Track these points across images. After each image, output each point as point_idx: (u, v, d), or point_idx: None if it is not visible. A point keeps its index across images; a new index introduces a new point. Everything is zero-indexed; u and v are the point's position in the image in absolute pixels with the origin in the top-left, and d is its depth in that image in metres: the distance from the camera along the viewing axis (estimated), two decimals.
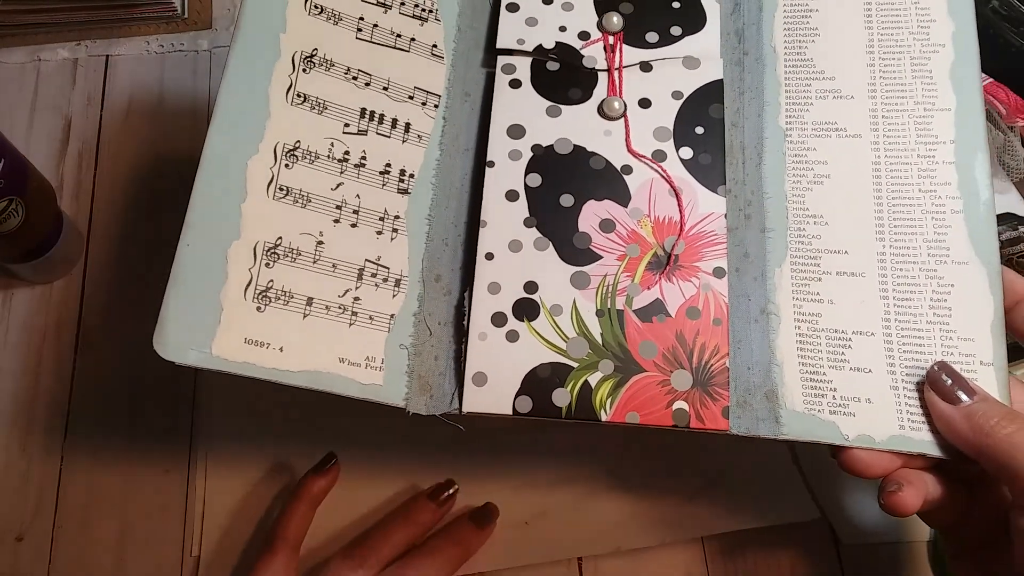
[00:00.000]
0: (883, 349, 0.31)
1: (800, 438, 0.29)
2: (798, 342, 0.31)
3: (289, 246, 0.29)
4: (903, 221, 0.32)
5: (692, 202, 0.32)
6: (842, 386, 0.30)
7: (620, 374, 0.29)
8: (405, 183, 0.32)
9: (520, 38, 0.35)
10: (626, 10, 0.36)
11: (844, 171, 0.33)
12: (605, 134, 0.33)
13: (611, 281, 0.31)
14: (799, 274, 0.32)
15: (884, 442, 0.29)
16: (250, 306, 0.28)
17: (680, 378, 0.29)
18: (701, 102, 0.34)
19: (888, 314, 0.31)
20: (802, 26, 0.36)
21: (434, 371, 0.30)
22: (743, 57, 0.36)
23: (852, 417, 0.29)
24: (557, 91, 0.34)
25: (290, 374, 0.27)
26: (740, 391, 0.30)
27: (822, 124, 0.34)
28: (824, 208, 0.33)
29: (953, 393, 0.28)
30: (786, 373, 0.30)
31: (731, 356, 0.30)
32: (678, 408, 0.29)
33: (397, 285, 0.31)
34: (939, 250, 0.32)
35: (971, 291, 0.31)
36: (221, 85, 0.31)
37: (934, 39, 0.35)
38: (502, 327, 0.30)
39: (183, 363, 0.26)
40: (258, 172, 0.30)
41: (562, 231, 0.31)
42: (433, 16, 0.36)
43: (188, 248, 0.28)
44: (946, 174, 0.32)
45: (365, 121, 0.33)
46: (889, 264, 0.32)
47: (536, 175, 0.32)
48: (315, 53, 0.33)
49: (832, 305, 0.31)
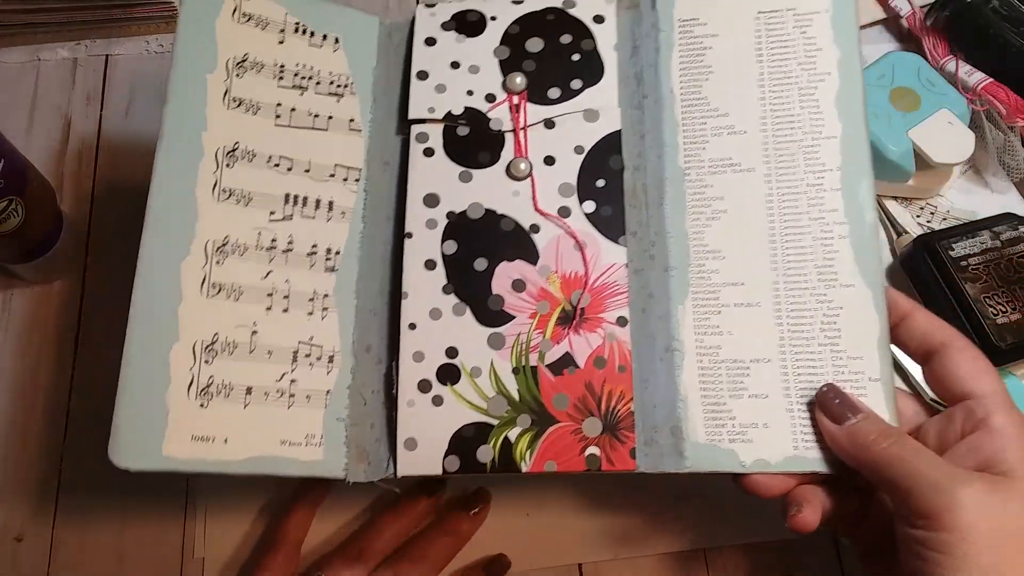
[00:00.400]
0: (779, 374, 0.33)
1: (701, 470, 0.32)
2: (700, 375, 0.34)
3: (226, 340, 0.32)
4: (794, 249, 0.35)
5: (595, 255, 0.35)
6: (741, 414, 0.33)
7: (537, 427, 0.32)
8: (332, 260, 0.35)
9: (431, 106, 0.37)
10: (529, 67, 0.38)
11: (739, 205, 0.36)
12: (514, 195, 0.36)
13: (524, 339, 0.34)
14: (700, 309, 0.35)
15: (779, 464, 0.32)
16: (194, 404, 0.31)
17: (591, 425, 0.32)
18: (602, 154, 0.36)
19: (783, 340, 0.34)
20: (697, 65, 0.38)
21: (370, 438, 0.33)
22: (643, 100, 0.38)
23: (750, 443, 0.32)
24: (468, 156, 0.36)
25: (235, 463, 0.31)
26: (647, 429, 0.33)
27: (718, 161, 0.36)
28: (722, 243, 0.35)
29: (840, 413, 0.31)
30: (690, 407, 0.33)
31: (638, 396, 0.33)
32: (590, 453, 0.32)
33: (331, 361, 0.34)
34: (828, 275, 0.34)
35: (858, 312, 0.33)
36: (150, 188, 0.33)
37: (820, 68, 0.36)
38: (428, 393, 0.33)
39: (136, 469, 0.29)
40: (191, 274, 0.32)
41: (478, 295, 0.34)
42: (348, 90, 0.38)
43: (132, 356, 0.31)
44: (833, 201, 0.35)
45: (290, 206, 0.35)
46: (783, 292, 0.34)
47: (452, 242, 0.35)
48: (237, 147, 0.35)
49: (731, 336, 0.34)
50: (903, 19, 0.51)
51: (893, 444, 0.30)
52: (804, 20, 0.37)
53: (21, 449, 0.43)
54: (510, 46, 0.38)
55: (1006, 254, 0.43)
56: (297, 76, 0.37)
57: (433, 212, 0.36)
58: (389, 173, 0.37)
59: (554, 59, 0.38)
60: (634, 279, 0.35)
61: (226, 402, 0.32)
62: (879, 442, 0.30)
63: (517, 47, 0.38)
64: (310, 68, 0.37)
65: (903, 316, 0.33)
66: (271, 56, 0.37)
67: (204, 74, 0.35)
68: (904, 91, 0.46)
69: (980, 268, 0.43)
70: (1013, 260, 0.43)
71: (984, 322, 0.41)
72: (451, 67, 0.38)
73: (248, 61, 0.36)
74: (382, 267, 0.36)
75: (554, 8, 0.39)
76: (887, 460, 0.29)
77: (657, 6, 0.38)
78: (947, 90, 0.46)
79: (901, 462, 0.29)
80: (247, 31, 0.36)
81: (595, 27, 0.38)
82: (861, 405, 0.32)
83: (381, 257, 0.36)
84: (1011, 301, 0.42)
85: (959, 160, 0.45)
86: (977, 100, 0.47)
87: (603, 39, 0.38)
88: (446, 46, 0.38)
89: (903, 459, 0.29)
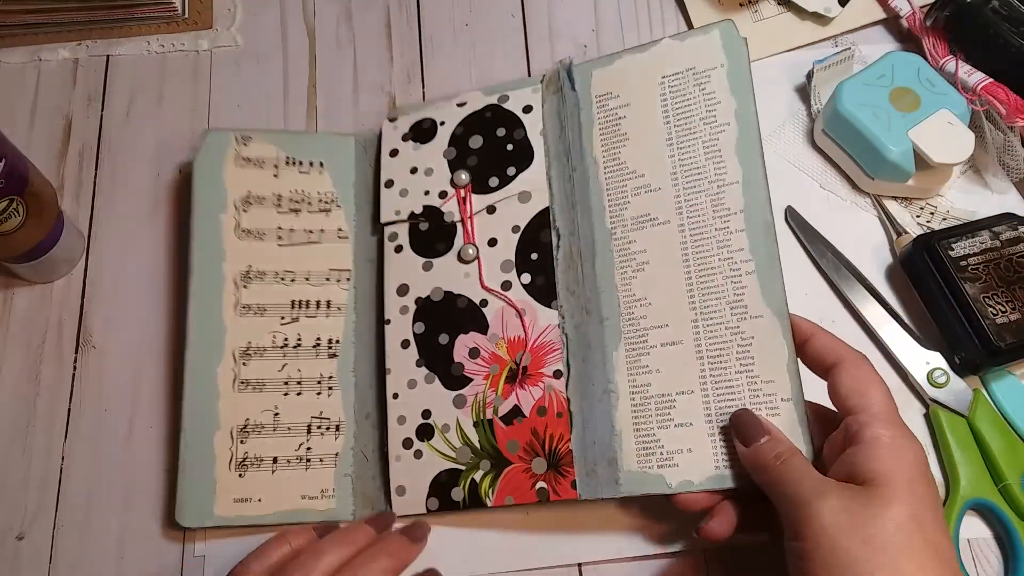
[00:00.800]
0: (701, 403, 0.38)
1: (634, 493, 0.38)
2: (633, 412, 0.39)
3: (255, 423, 0.42)
4: (709, 288, 0.39)
5: (533, 320, 0.41)
6: (668, 442, 0.38)
7: (495, 469, 0.40)
8: (333, 348, 0.44)
9: (397, 209, 0.45)
10: (472, 163, 0.45)
11: (659, 256, 0.41)
12: (465, 276, 0.43)
13: (481, 397, 0.41)
14: (632, 352, 0.40)
15: (703, 483, 0.37)
16: (234, 475, 0.41)
17: (538, 464, 0.39)
18: (535, 231, 0.43)
19: (704, 371, 0.39)
20: (615, 133, 0.43)
21: (373, 488, 0.42)
22: (572, 173, 0.44)
23: (676, 467, 0.38)
24: (428, 248, 0.44)
25: (268, 516, 0.40)
26: (588, 463, 0.39)
27: (639, 218, 0.42)
28: (647, 291, 0.41)
29: (749, 435, 0.36)
30: (624, 441, 0.39)
31: (579, 435, 0.39)
32: (540, 487, 0.39)
33: (337, 429, 0.42)
34: (739, 308, 0.39)
35: (768, 340, 0.38)
36: (188, 312, 0.43)
37: (720, 119, 0.41)
38: (410, 449, 0.41)
39: (196, 527, 0.39)
40: (224, 375, 0.42)
41: (442, 364, 0.42)
42: (335, 204, 0.47)
43: (186, 443, 0.41)
44: (739, 241, 0.39)
45: (296, 310, 0.44)
46: (701, 328, 0.39)
47: (420, 323, 0.43)
48: (250, 269, 0.45)
49: (659, 373, 0.39)
50: (903, 19, 0.51)
51: (782, 463, 0.34)
52: (703, 77, 0.42)
53: (21, 449, 0.44)
54: (456, 146, 0.45)
55: (1006, 254, 0.43)
56: (292, 201, 0.46)
57: (405, 300, 0.44)
58: (372, 269, 0.46)
59: (492, 152, 0.45)
60: (574, 333, 0.41)
61: (258, 471, 0.41)
62: (773, 461, 0.34)
63: (462, 146, 0.45)
64: (302, 192, 0.46)
65: (805, 338, 0.37)
66: (269, 189, 0.46)
67: (218, 215, 0.45)
68: (904, 91, 0.46)
69: (980, 268, 0.42)
70: (1013, 260, 0.42)
71: (983, 322, 0.41)
72: (410, 172, 0.46)
73: (251, 196, 0.46)
74: (373, 348, 0.44)
75: (491, 105, 0.46)
76: (775, 478, 0.33)
77: (577, 87, 0.44)
78: (947, 90, 0.46)
79: (780, 479, 0.33)
80: (248, 172, 0.46)
81: (524, 117, 0.45)
82: (769, 427, 0.36)
83: (371, 340, 0.44)
84: (1011, 301, 0.42)
85: (959, 160, 0.44)
86: (977, 100, 0.46)
87: (532, 126, 0.45)
88: (406, 155, 0.46)
89: (783, 476, 0.33)
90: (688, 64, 0.42)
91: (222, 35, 0.53)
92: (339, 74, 0.52)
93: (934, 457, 0.42)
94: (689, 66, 0.42)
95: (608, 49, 0.51)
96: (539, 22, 0.53)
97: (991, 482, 0.40)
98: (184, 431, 0.41)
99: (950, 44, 0.49)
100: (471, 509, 0.40)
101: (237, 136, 0.47)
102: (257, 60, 0.52)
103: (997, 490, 0.40)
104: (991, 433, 0.41)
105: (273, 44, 0.53)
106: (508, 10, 0.53)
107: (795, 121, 0.50)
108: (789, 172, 0.48)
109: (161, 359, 0.46)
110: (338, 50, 0.53)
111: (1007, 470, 0.40)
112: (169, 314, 0.47)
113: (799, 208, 0.47)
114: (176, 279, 0.47)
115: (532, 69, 0.52)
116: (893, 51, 0.48)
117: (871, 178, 0.46)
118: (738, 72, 0.41)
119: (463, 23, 0.53)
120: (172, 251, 0.48)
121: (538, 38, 0.52)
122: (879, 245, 0.47)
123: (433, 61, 0.52)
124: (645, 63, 0.43)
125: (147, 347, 0.46)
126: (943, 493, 0.41)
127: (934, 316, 0.44)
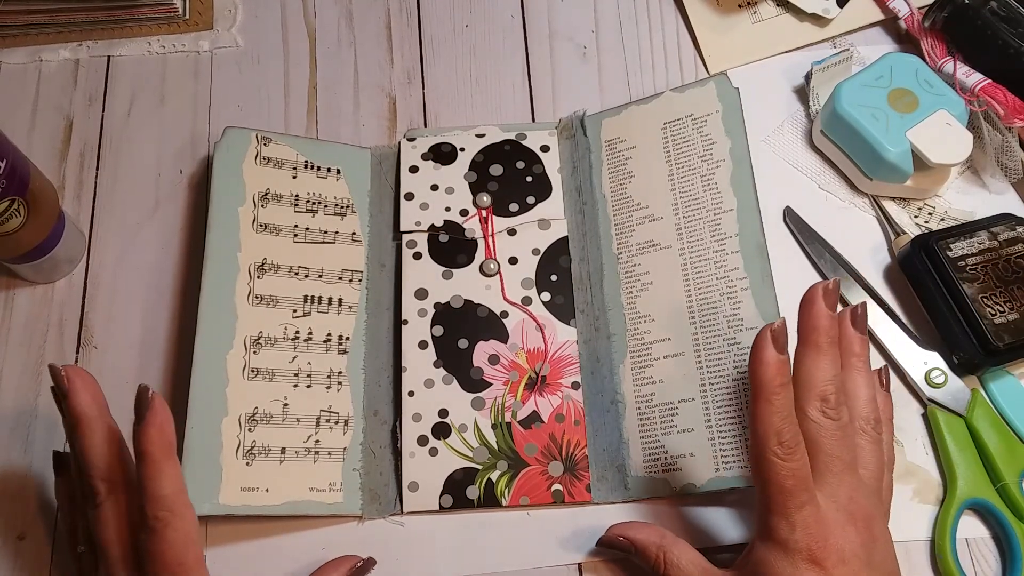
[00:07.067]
0: (701, 409, 0.42)
1: (641, 497, 0.40)
2: (639, 421, 0.42)
3: (264, 412, 0.41)
4: (707, 305, 0.43)
5: (552, 334, 0.44)
6: (672, 447, 0.41)
7: (512, 470, 0.41)
8: (343, 345, 0.44)
9: (417, 220, 0.47)
10: (493, 188, 0.48)
11: (662, 276, 0.45)
12: (486, 288, 0.45)
13: (500, 401, 0.42)
14: (637, 364, 0.43)
15: (704, 485, 0.40)
16: (241, 463, 0.39)
17: (555, 467, 0.41)
18: (554, 255, 0.46)
19: (703, 380, 0.42)
20: (622, 172, 0.48)
21: (380, 484, 0.41)
22: (583, 207, 0.48)
23: (679, 472, 0.41)
24: (448, 258, 0.46)
25: (275, 507, 0.39)
26: (600, 469, 0.41)
27: (643, 244, 0.46)
28: (651, 308, 0.44)
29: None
30: (631, 448, 0.42)
31: (591, 443, 0.42)
32: (555, 489, 0.40)
33: (346, 424, 0.42)
34: (735, 321, 0.42)
35: None
36: (200, 298, 0.42)
37: (716, 157, 0.46)
38: (425, 446, 0.42)
39: (200, 515, 0.37)
40: (234, 362, 0.41)
41: (461, 368, 0.43)
42: (350, 209, 0.48)
43: (192, 428, 0.39)
44: (735, 261, 0.43)
45: (308, 305, 0.44)
46: (701, 341, 0.43)
47: (439, 326, 0.44)
48: (265, 261, 0.44)
49: (663, 384, 0.43)
50: (901, 20, 0.50)
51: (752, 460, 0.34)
52: (700, 122, 0.47)
53: (22, 449, 0.44)
54: (477, 171, 0.48)
55: (1004, 254, 0.42)
56: (309, 202, 0.47)
57: (423, 303, 0.45)
58: (386, 272, 0.47)
59: (512, 181, 0.48)
60: (584, 348, 0.44)
61: (266, 460, 0.40)
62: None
63: (482, 172, 0.48)
64: (319, 195, 0.47)
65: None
66: (287, 188, 0.47)
67: (236, 207, 0.45)
68: (902, 92, 0.46)
69: (978, 268, 0.42)
70: (1011, 260, 0.42)
71: (982, 322, 0.41)
72: (431, 189, 0.48)
73: (270, 194, 0.46)
74: (384, 349, 0.45)
75: (510, 140, 0.49)
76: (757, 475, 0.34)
77: (588, 133, 0.49)
78: (945, 91, 0.46)
79: None
80: (267, 171, 0.47)
81: (543, 154, 0.49)
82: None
83: (383, 341, 0.45)
84: (1009, 301, 0.41)
85: (957, 161, 0.44)
86: (975, 101, 0.46)
87: (550, 164, 0.48)
88: (426, 173, 0.48)
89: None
90: (688, 111, 0.47)
91: (223, 36, 0.54)
92: (339, 75, 0.52)
93: (932, 457, 0.42)
94: (688, 113, 0.47)
95: (608, 49, 0.53)
96: (539, 22, 0.54)
97: (989, 482, 0.40)
98: (190, 414, 0.39)
99: (948, 45, 0.49)
100: (485, 508, 0.40)
101: (258, 135, 0.47)
102: (258, 61, 0.53)
103: (995, 490, 0.40)
104: (989, 433, 0.41)
105: (274, 45, 0.53)
106: (508, 10, 0.54)
107: (793, 122, 0.50)
108: (787, 173, 0.49)
109: (162, 359, 0.45)
110: (338, 51, 0.53)
111: (1005, 470, 0.40)
112: (170, 314, 0.46)
113: (797, 209, 0.47)
114: (178, 278, 0.47)
115: (532, 69, 0.52)
116: (891, 52, 0.48)
117: (869, 178, 0.47)
118: (732, 116, 0.46)
119: (463, 24, 0.54)
120: (173, 251, 0.48)
121: (538, 38, 0.53)
122: (877, 245, 0.47)
123: (433, 62, 0.53)
124: (649, 112, 0.48)
125: (148, 347, 0.45)
126: (941, 493, 0.41)
127: (932, 316, 0.44)
